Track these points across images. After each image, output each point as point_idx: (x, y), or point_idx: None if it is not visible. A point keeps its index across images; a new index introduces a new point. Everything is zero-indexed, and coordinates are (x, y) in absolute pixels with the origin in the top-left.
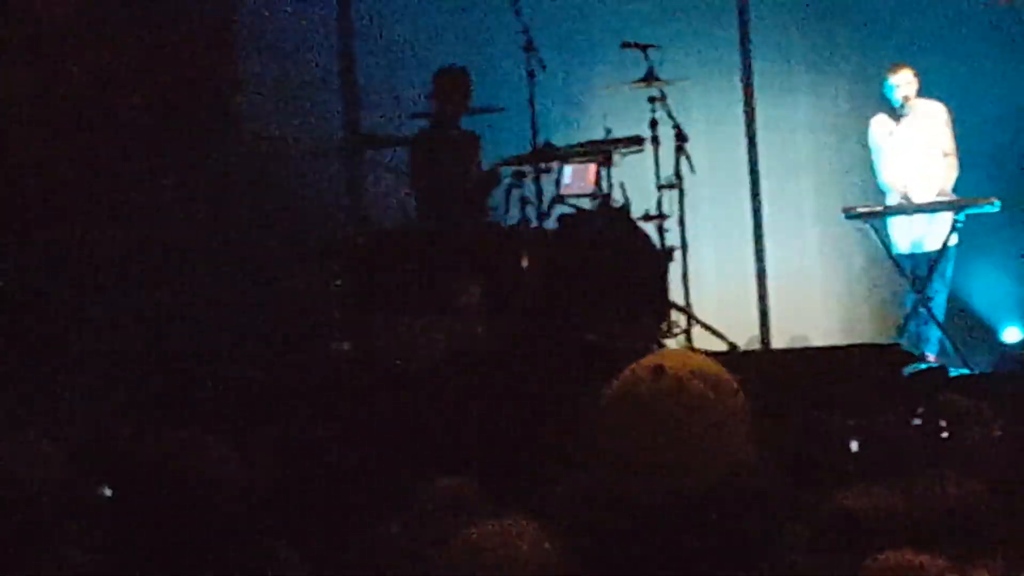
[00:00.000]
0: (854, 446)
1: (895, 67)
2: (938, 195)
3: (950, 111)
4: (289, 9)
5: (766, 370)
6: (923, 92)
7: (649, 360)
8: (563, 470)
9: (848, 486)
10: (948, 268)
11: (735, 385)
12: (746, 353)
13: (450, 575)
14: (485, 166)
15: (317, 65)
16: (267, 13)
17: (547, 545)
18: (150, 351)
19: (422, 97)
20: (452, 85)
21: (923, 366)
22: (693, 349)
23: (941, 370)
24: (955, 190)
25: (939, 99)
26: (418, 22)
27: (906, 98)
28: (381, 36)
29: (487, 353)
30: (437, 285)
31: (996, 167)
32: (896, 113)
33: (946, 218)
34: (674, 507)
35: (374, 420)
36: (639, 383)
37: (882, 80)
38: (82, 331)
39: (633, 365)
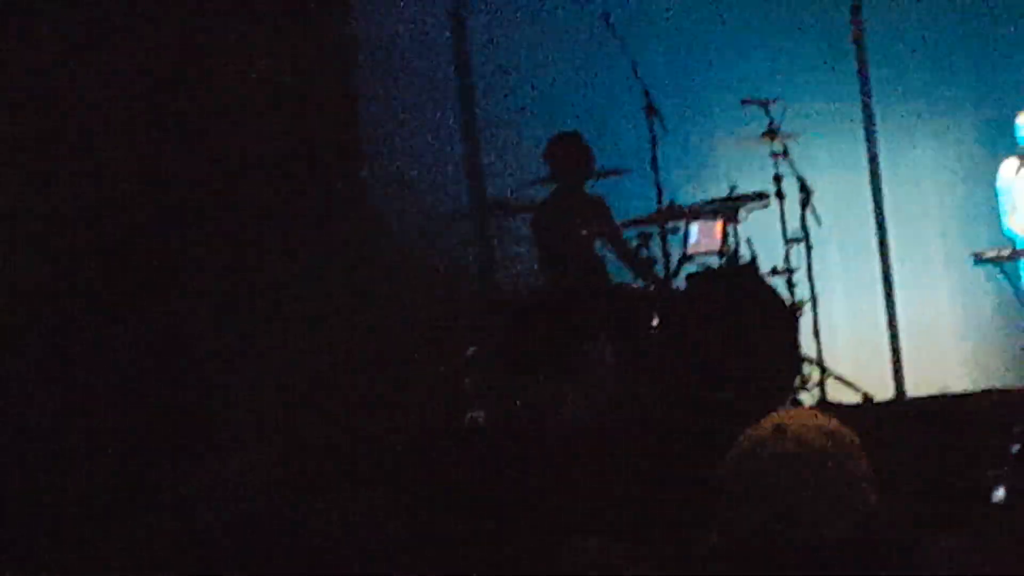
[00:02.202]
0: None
1: None
2: None
3: None
4: (410, 77)
5: (902, 419)
6: None
7: (768, 420)
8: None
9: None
10: None
11: (855, 439)
12: (881, 403)
13: None
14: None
15: (439, 134)
16: (389, 81)
17: None
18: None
19: (542, 163)
20: (566, 150)
21: None
22: (827, 402)
23: None
24: None
25: None
26: (538, 86)
27: None
28: (502, 102)
29: (623, 415)
30: (571, 349)
31: None
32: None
33: None
34: (801, 565)
35: (513, 487)
36: (761, 443)
37: (1011, 123)
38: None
39: (754, 426)
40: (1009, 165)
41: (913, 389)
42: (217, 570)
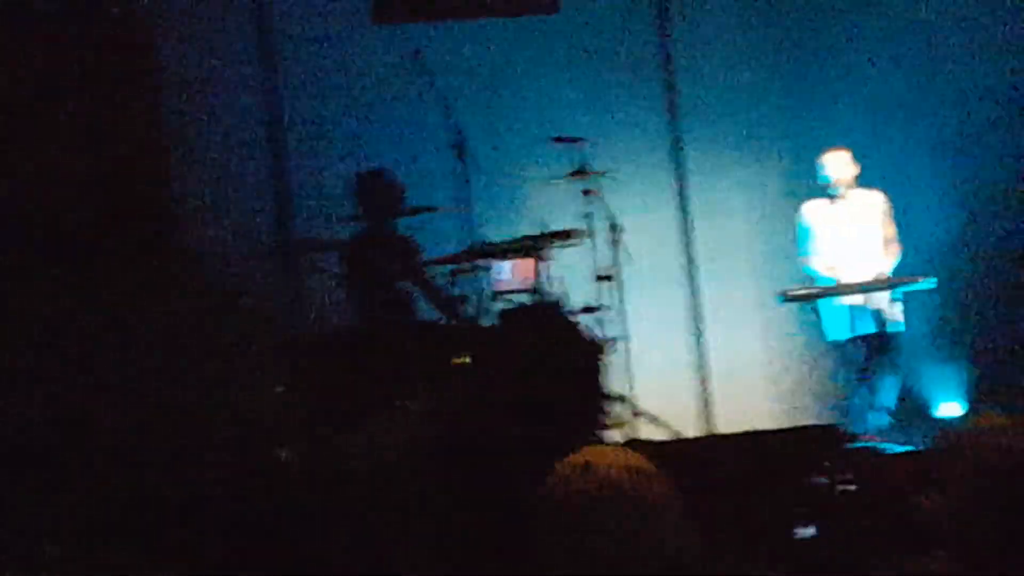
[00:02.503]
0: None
1: (829, 150)
2: (876, 278)
3: (889, 199)
4: (219, 114)
5: (709, 455)
6: (863, 182)
7: (577, 458)
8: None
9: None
10: (896, 351)
11: (664, 477)
12: (689, 440)
13: None
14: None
15: (249, 167)
16: (198, 117)
17: None
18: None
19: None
20: (373, 188)
21: (862, 444)
22: (636, 440)
23: (879, 449)
24: (892, 272)
25: (879, 188)
26: (349, 123)
27: (838, 181)
28: (313, 138)
29: (433, 453)
30: (380, 387)
31: (929, 251)
32: (831, 197)
33: (885, 299)
34: None
35: (320, 525)
36: (568, 481)
37: (817, 165)
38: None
39: (562, 463)
40: (812, 206)
41: (723, 426)
42: None
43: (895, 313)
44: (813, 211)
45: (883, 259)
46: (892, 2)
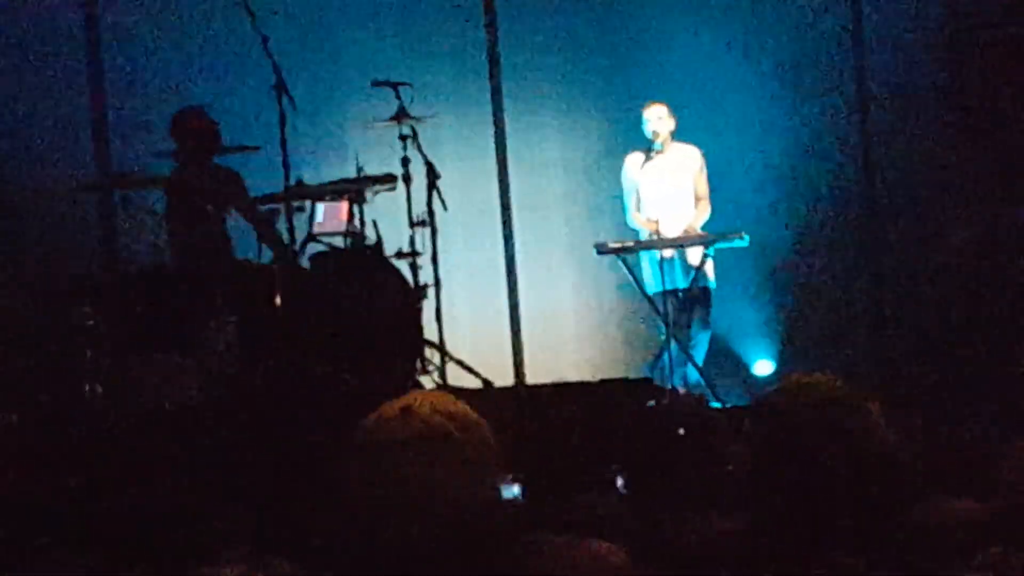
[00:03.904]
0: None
1: (649, 103)
2: (685, 231)
3: (704, 155)
4: (38, 46)
5: (519, 405)
6: (680, 136)
7: (396, 402)
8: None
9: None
10: (708, 306)
11: (482, 422)
12: (500, 389)
13: None
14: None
15: (66, 103)
16: (15, 51)
17: None
18: None
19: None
20: (190, 125)
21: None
22: (447, 386)
23: (690, 401)
24: (705, 228)
25: (694, 143)
26: (168, 60)
27: (656, 134)
28: (131, 74)
29: (241, 393)
30: (190, 325)
31: (743, 209)
32: (650, 151)
33: (698, 254)
34: (431, 544)
35: (125, 462)
36: (387, 425)
37: (638, 118)
38: None
39: (382, 407)
40: (634, 160)
41: (533, 376)
42: None
43: (707, 269)
44: (633, 164)
45: (694, 214)
46: None
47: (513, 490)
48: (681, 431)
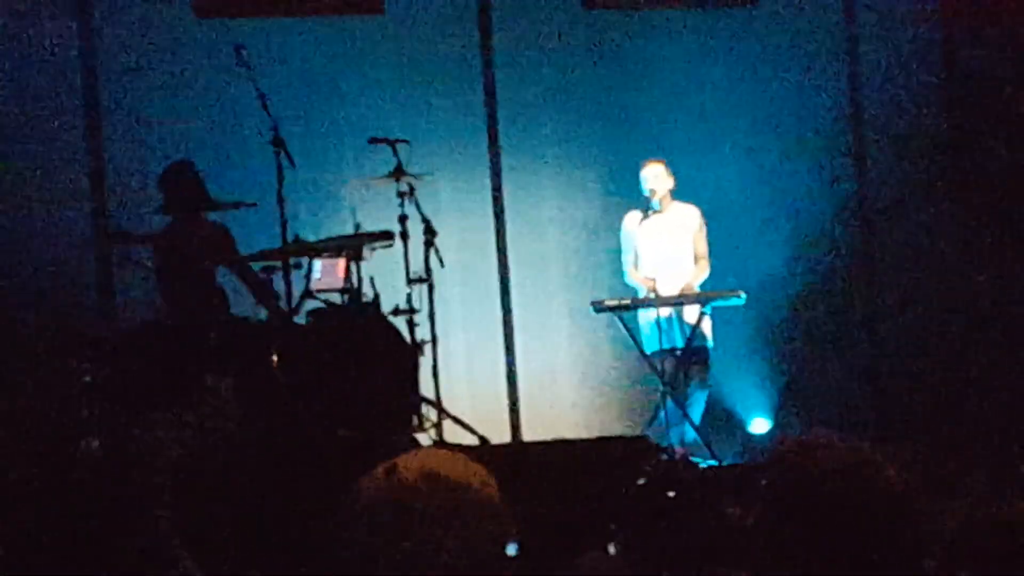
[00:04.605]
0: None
1: (647, 162)
2: (683, 290)
3: (703, 214)
4: (36, 100)
5: (515, 463)
6: (678, 193)
7: (391, 462)
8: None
9: None
10: (706, 364)
11: (475, 483)
12: (496, 446)
13: None
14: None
15: (65, 157)
16: (12, 102)
17: None
18: None
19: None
20: (177, 180)
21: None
22: (443, 443)
23: (687, 462)
24: (703, 286)
25: (694, 203)
26: (166, 114)
27: (654, 192)
28: (130, 130)
29: (237, 451)
30: (186, 381)
31: (740, 266)
32: (648, 209)
33: (695, 313)
34: None
35: (121, 517)
36: (373, 485)
37: (636, 175)
38: None
39: (379, 467)
40: (632, 217)
41: (529, 434)
42: None
43: (704, 328)
44: (632, 222)
45: (693, 273)
46: (715, 22)
47: (509, 548)
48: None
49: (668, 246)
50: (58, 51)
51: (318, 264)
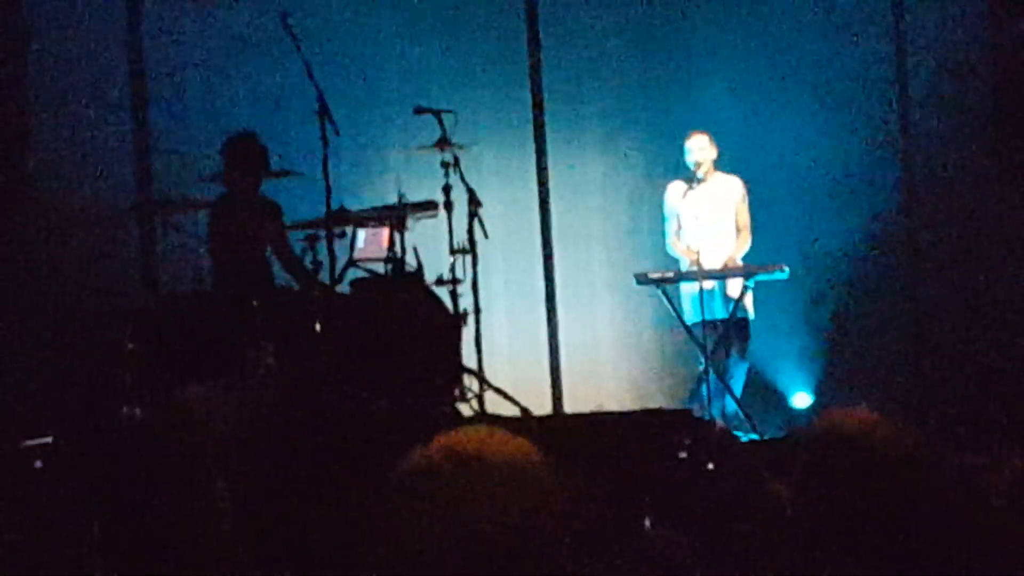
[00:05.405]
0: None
1: (692, 133)
2: (725, 263)
3: (747, 186)
4: (83, 69)
5: (557, 435)
6: (722, 166)
7: (442, 438)
8: (365, 547)
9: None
10: (746, 337)
11: (532, 459)
12: (538, 418)
13: None
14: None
15: (110, 124)
16: (61, 72)
17: None
18: None
19: (214, 161)
20: (243, 150)
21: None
22: (486, 414)
23: (729, 435)
24: (746, 260)
25: (738, 173)
26: (212, 84)
27: (698, 164)
28: (176, 97)
29: (280, 421)
30: (230, 351)
31: (783, 239)
32: (692, 180)
33: (738, 286)
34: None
35: (166, 488)
36: (431, 461)
37: (680, 147)
38: None
39: (429, 441)
40: (675, 188)
41: (571, 404)
42: None
43: (746, 301)
44: (675, 193)
45: (735, 245)
46: None
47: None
48: (711, 467)
49: (711, 217)
50: (104, 19)
51: (362, 233)
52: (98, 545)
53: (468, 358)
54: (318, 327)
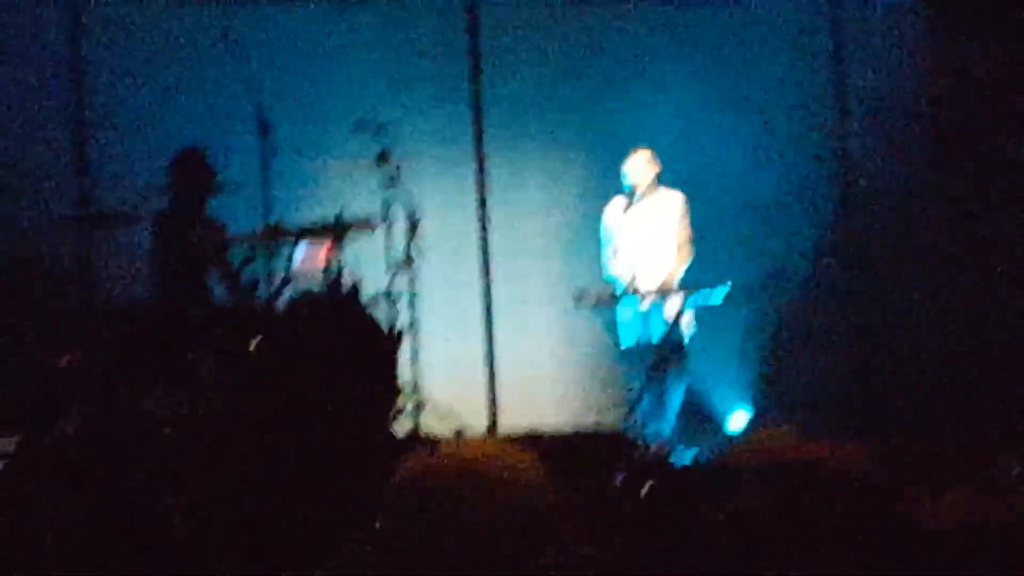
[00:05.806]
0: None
1: (633, 150)
2: (663, 284)
3: (687, 201)
4: (23, 78)
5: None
6: (664, 180)
7: (442, 449)
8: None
9: None
10: (683, 358)
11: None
12: (471, 440)
13: None
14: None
15: (48, 140)
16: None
17: None
18: None
19: (155, 174)
20: (192, 166)
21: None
22: (421, 432)
23: (664, 457)
24: (685, 279)
25: (679, 188)
26: (152, 96)
27: (635, 186)
28: (115, 110)
29: (220, 428)
30: (171, 359)
31: (723, 254)
32: (631, 197)
33: (675, 307)
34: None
35: (103, 497)
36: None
37: (619, 169)
38: None
39: (422, 453)
40: (615, 205)
41: (508, 421)
42: None
43: (683, 321)
44: (615, 211)
45: (674, 262)
46: (699, 14)
47: None
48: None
49: (650, 234)
50: (44, 32)
51: (299, 249)
52: (51, 551)
53: (404, 375)
54: (254, 342)
